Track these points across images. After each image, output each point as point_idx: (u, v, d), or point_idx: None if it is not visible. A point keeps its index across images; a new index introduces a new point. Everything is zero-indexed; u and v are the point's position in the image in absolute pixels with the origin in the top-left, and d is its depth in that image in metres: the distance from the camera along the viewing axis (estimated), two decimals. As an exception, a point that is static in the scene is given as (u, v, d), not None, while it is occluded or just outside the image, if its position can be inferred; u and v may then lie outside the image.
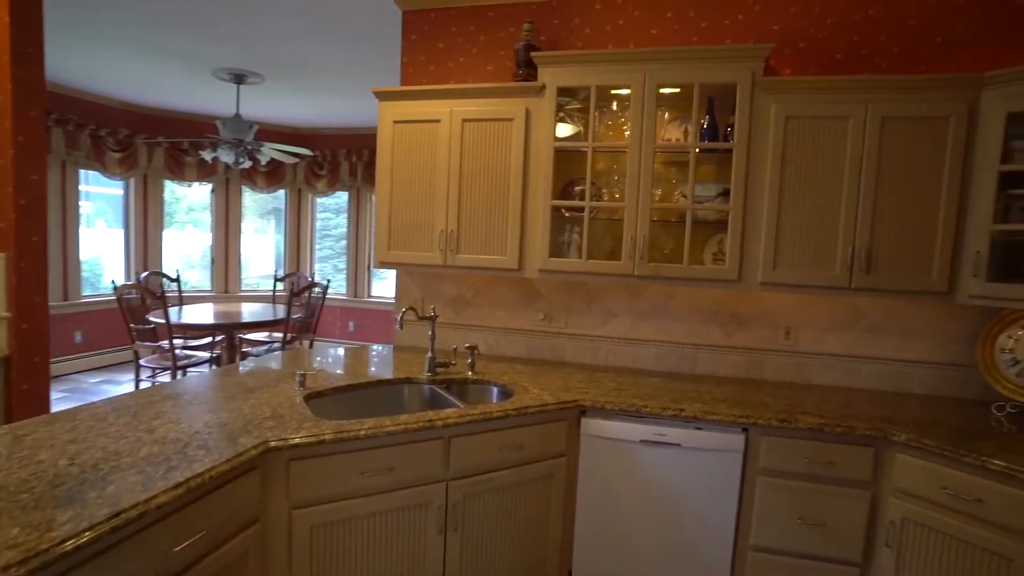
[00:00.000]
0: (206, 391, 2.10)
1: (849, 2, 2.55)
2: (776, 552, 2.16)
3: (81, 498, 1.24)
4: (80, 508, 1.20)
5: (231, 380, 2.28)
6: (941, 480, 1.89)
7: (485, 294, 3.05)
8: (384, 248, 2.78)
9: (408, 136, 2.70)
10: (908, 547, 1.98)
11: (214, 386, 2.17)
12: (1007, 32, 2.41)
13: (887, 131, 2.24)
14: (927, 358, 2.56)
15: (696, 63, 2.37)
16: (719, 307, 2.77)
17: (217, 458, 1.49)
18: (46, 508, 1.19)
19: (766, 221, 2.37)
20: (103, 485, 1.31)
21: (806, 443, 2.09)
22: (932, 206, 2.23)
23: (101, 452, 1.50)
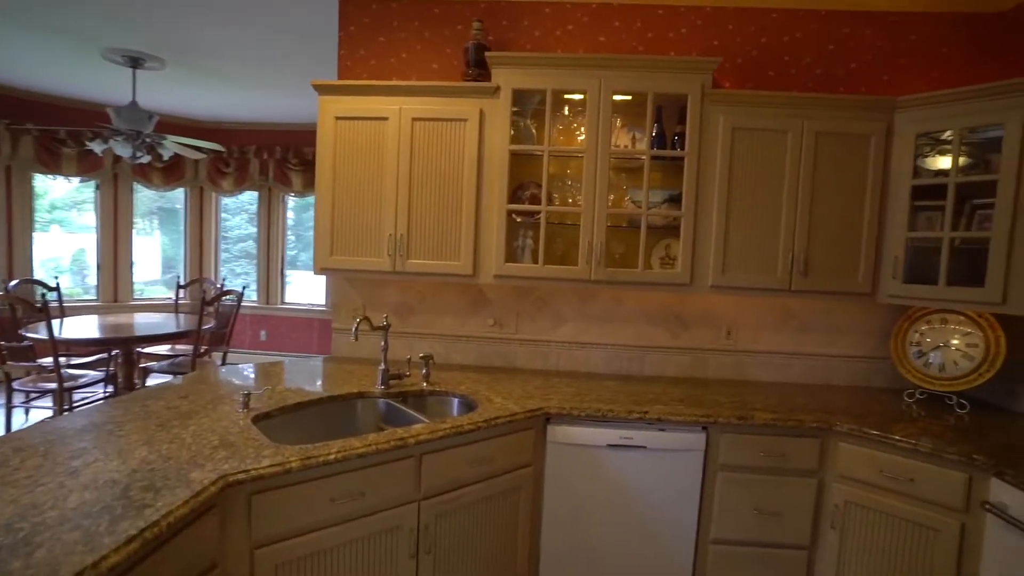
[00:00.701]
0: (132, 419, 1.82)
1: (779, 24, 2.74)
2: (734, 543, 2.26)
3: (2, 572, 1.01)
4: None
5: (159, 404, 1.99)
6: (879, 464, 2.07)
7: (432, 300, 2.93)
8: (326, 253, 2.58)
9: (352, 134, 2.53)
10: (850, 527, 2.14)
11: (140, 413, 1.89)
12: (904, 63, 2.71)
13: (820, 146, 2.42)
14: (849, 352, 2.81)
15: (650, 72, 2.42)
16: (665, 310, 2.87)
17: (172, 500, 1.29)
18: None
19: (715, 227, 2.48)
20: (28, 550, 1.07)
21: (761, 438, 2.21)
22: (858, 215, 2.44)
23: (13, 507, 1.23)
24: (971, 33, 2.69)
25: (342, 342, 2.96)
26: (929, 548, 1.97)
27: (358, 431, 2.28)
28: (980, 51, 2.69)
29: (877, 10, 2.70)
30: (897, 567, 2.04)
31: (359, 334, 2.25)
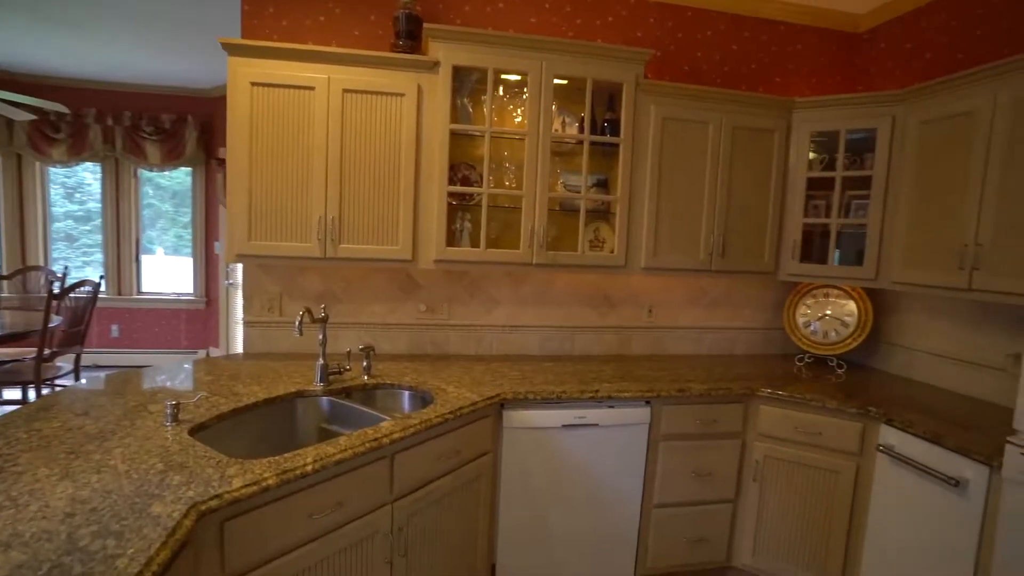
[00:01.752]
0: (25, 449, 1.46)
1: (693, 22, 2.93)
2: (674, 505, 2.45)
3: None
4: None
5: (53, 425, 1.62)
6: (794, 422, 2.37)
7: (358, 287, 2.74)
8: (243, 237, 2.27)
9: (272, 103, 2.24)
10: (768, 478, 2.44)
11: (33, 440, 1.52)
12: (791, 67, 3.06)
13: (736, 138, 2.66)
14: (750, 324, 3.16)
15: (591, 59, 2.46)
16: (594, 291, 2.98)
17: (145, 544, 1.07)
18: None
19: (647, 211, 2.61)
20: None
21: (696, 407, 2.41)
22: (765, 202, 2.73)
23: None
24: (840, 47, 3.11)
25: (256, 337, 2.65)
26: (831, 488, 2.31)
27: (301, 435, 2.08)
28: (846, 63, 3.12)
29: (771, 19, 3.00)
30: (804, 507, 2.37)
31: (247, 325, 2.03)
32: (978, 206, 2.13)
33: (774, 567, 2.45)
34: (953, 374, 2.53)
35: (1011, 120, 2.03)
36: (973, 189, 2.15)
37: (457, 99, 2.53)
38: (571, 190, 2.69)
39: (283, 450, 1.99)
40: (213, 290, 5.39)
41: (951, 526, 1.90)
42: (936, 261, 2.29)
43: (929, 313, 2.67)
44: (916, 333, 2.73)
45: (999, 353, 2.34)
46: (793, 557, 2.41)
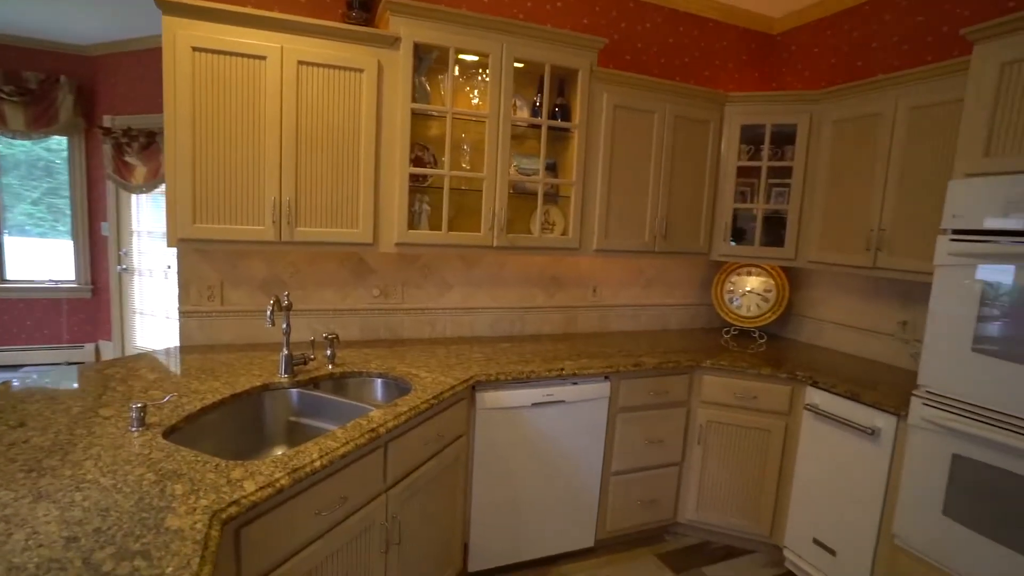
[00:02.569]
0: (-27, 467, 1.26)
1: (635, 13, 3.05)
2: (630, 471, 2.63)
3: None
4: None
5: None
6: (733, 389, 2.63)
7: (308, 272, 2.59)
8: (187, 220, 2.06)
9: (219, 72, 2.03)
10: (710, 441, 2.69)
11: (-26, 456, 1.31)
12: (718, 63, 3.31)
13: (678, 128, 2.84)
14: (681, 301, 3.42)
15: (550, 44, 2.49)
16: (543, 272, 3.06)
17: (178, 561, 0.99)
18: None
19: (599, 196, 2.72)
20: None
21: (648, 380, 2.59)
22: (701, 188, 2.95)
23: None
24: (759, 46, 3.40)
25: (194, 328, 2.42)
26: (764, 445, 2.61)
27: (272, 431, 1.97)
28: (763, 62, 3.43)
29: (700, 15, 3.21)
30: (741, 464, 2.65)
31: (185, 314, 1.90)
32: (881, 196, 2.47)
33: (714, 519, 2.73)
34: (853, 340, 2.94)
35: (908, 124, 2.36)
36: (877, 181, 2.49)
37: (415, 78, 2.45)
38: (523, 173, 2.72)
39: (256, 448, 1.89)
40: (101, 277, 4.77)
41: (865, 467, 2.23)
42: (846, 243, 2.63)
43: (833, 288, 3.07)
44: (823, 306, 3.13)
45: (891, 321, 2.76)
46: (731, 508, 2.69)
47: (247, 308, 2.50)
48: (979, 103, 1.91)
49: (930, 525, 1.99)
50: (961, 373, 1.91)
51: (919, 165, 2.33)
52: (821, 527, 2.42)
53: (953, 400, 1.93)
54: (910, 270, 2.35)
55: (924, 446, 2.01)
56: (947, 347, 1.95)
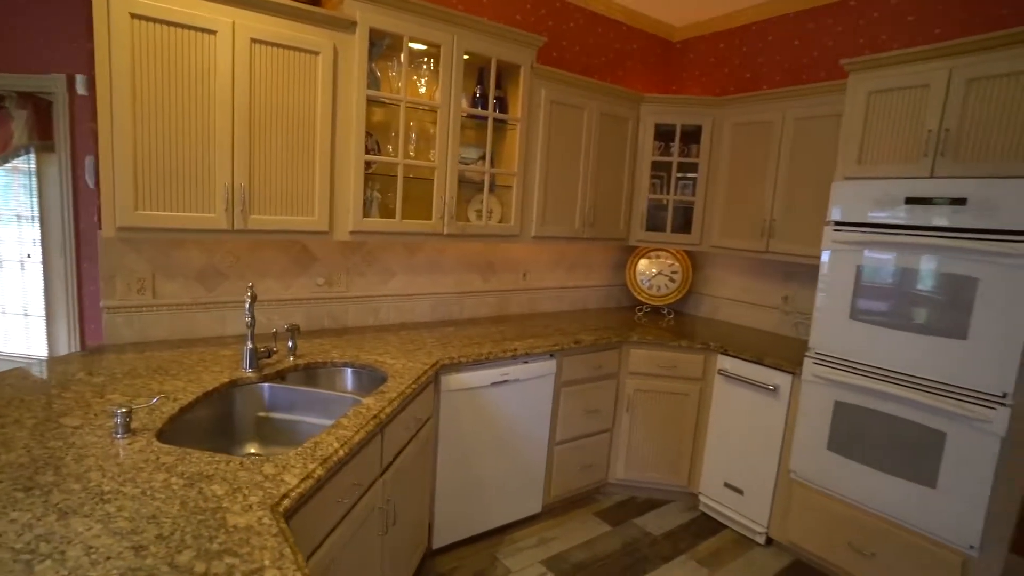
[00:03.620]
0: (-47, 491, 1.12)
1: (559, 13, 3.23)
2: (571, 440, 2.88)
3: None
4: None
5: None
6: (656, 360, 2.98)
7: (249, 262, 2.46)
8: (127, 206, 1.87)
9: (164, 44, 1.86)
10: (637, 407, 3.03)
11: (-56, 479, 1.15)
12: (629, 64, 3.62)
13: (603, 124, 3.09)
14: (599, 283, 3.73)
15: (498, 39, 2.59)
16: (479, 258, 3.17)
17: (270, 555, 1.00)
18: None
19: (538, 185, 2.90)
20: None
21: (586, 356, 2.84)
22: (621, 179, 3.25)
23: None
24: (662, 51, 3.78)
25: (121, 325, 2.19)
26: (682, 407, 3.00)
27: (240, 427, 1.90)
28: (665, 66, 3.81)
29: (615, 19, 3.49)
30: (663, 425, 3.03)
31: (108, 311, 1.82)
32: (772, 191, 2.94)
33: (640, 476, 3.09)
34: (745, 313, 3.46)
35: (794, 132, 2.84)
36: (769, 178, 2.95)
37: (368, 64, 2.41)
38: (463, 162, 2.80)
39: (228, 448, 1.82)
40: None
41: (767, 419, 2.70)
42: (744, 230, 3.09)
43: (727, 269, 3.56)
44: (719, 284, 3.62)
45: (775, 296, 3.29)
46: (654, 465, 3.07)
47: (182, 301, 2.31)
48: (853, 121, 2.38)
49: (818, 459, 2.48)
50: (842, 337, 2.39)
51: (803, 166, 2.81)
52: (731, 472, 2.87)
53: (836, 358, 2.41)
54: (795, 253, 2.85)
55: (814, 397, 2.49)
56: (831, 316, 2.43)
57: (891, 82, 2.25)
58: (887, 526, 2.28)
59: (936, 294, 2.12)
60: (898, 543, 2.25)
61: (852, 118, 2.38)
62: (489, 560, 2.49)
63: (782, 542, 2.68)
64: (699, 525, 2.92)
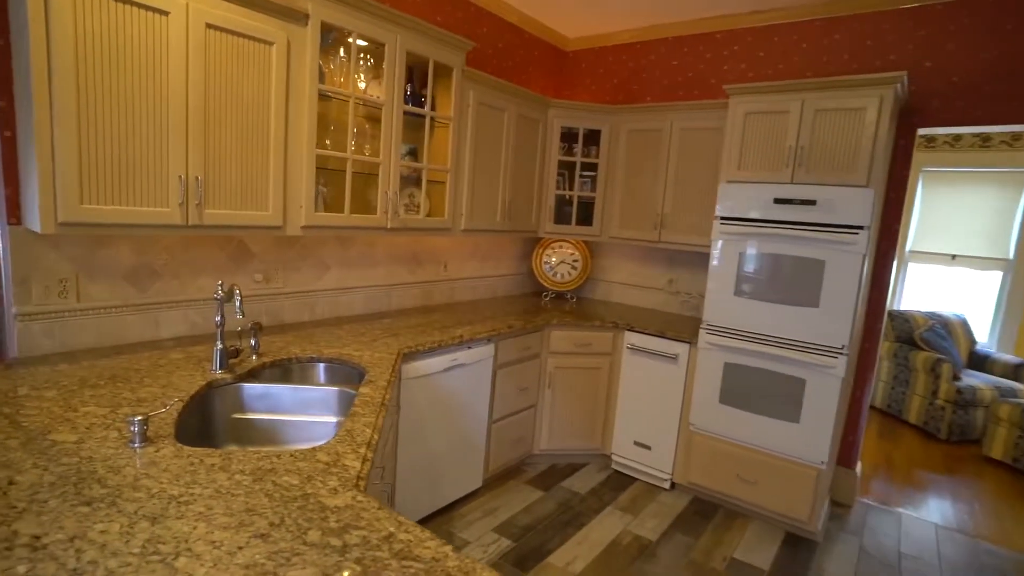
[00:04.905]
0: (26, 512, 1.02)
1: (474, 18, 3.40)
2: (505, 417, 3.13)
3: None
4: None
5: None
6: (573, 339, 3.35)
7: (184, 259, 2.29)
8: (72, 199, 1.69)
9: (109, 23, 1.70)
10: (557, 383, 3.38)
11: (-25, 506, 1.04)
12: (532, 70, 3.92)
13: (519, 124, 3.35)
14: (508, 272, 4.00)
15: (436, 41, 2.70)
16: (406, 251, 3.25)
17: (394, 523, 1.11)
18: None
19: (467, 181, 3.07)
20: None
21: (517, 339, 3.10)
22: (532, 176, 3.55)
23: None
24: (557, 59, 4.13)
25: (38, 334, 1.93)
26: (595, 380, 3.41)
27: (217, 431, 1.83)
28: (560, 73, 4.18)
29: (518, 26, 3.75)
30: (579, 398, 3.41)
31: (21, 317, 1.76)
32: (663, 189, 3.45)
33: (561, 444, 3.44)
34: (635, 295, 3.98)
35: (680, 140, 3.37)
36: (660, 178, 3.46)
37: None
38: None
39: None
40: None
41: (669, 383, 3.21)
42: (639, 223, 3.58)
43: (619, 256, 4.06)
44: (612, 270, 4.10)
45: (661, 279, 3.85)
46: (572, 434, 3.44)
47: (111, 304, 2.10)
48: (733, 135, 2.93)
49: (712, 411, 3.04)
50: (728, 310, 2.96)
51: (687, 168, 3.35)
52: (639, 432, 3.34)
53: (724, 328, 2.97)
54: (683, 242, 3.39)
55: (707, 361, 3.04)
56: (720, 294, 2.98)
57: (762, 107, 2.83)
58: (764, 457, 2.90)
59: (797, 274, 2.74)
60: (773, 469, 2.88)
61: (733, 132, 2.93)
62: (447, 535, 2.65)
63: (684, 484, 3.22)
64: (615, 480, 3.36)
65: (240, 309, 1.79)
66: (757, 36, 3.40)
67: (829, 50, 3.17)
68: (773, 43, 3.35)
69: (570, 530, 2.79)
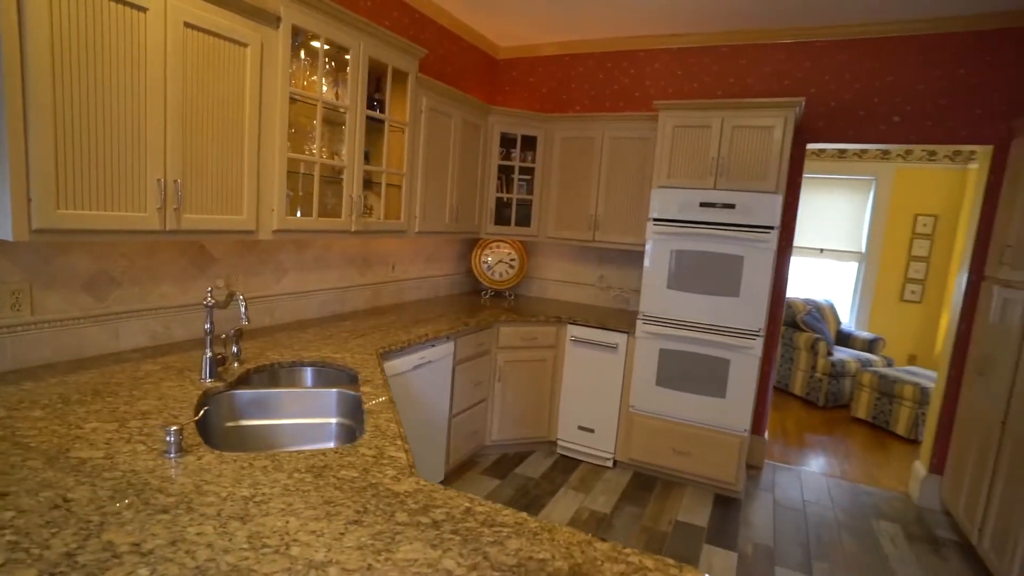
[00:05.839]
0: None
1: (417, 24, 3.47)
2: (464, 411, 3.25)
3: None
4: None
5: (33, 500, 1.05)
6: (520, 334, 3.54)
7: (144, 266, 2.17)
8: (47, 205, 1.58)
9: (87, 16, 1.61)
10: (507, 377, 3.56)
11: (83, 535, 1.01)
12: (467, 76, 4.06)
13: (464, 130, 3.48)
14: (449, 272, 4.10)
15: (394, 48, 2.76)
16: (357, 253, 3.26)
17: (469, 496, 1.23)
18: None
19: (420, 184, 3.15)
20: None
21: (472, 336, 3.24)
22: (475, 180, 3.69)
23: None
24: (489, 66, 4.30)
25: (-7, 350, 1.76)
26: (541, 372, 3.64)
27: (214, 440, 1.80)
28: (492, 80, 4.35)
29: (455, 32, 3.87)
30: (526, 389, 3.62)
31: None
32: (596, 193, 3.76)
33: (511, 435, 3.63)
34: (569, 291, 4.26)
35: (611, 148, 3.69)
36: (593, 182, 3.76)
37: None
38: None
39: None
40: None
41: (610, 370, 3.51)
42: (574, 224, 3.85)
43: (553, 255, 4.32)
44: (546, 269, 4.35)
45: (592, 276, 4.17)
46: (521, 424, 3.64)
47: (69, 315, 1.95)
48: (663, 145, 3.29)
49: (650, 393, 3.38)
50: (662, 301, 3.31)
51: (618, 174, 3.68)
52: (583, 417, 3.62)
53: (658, 317, 3.32)
54: (616, 241, 3.72)
55: (645, 348, 3.38)
56: (654, 288, 3.33)
57: (688, 121, 3.21)
58: (696, 430, 3.29)
59: (720, 267, 3.15)
60: (704, 440, 3.28)
61: (663, 144, 3.29)
62: (420, 528, 2.73)
63: (625, 461, 3.55)
64: (562, 464, 3.61)
65: (245, 315, 1.77)
66: (675, 56, 3.81)
67: (735, 73, 3.64)
68: (689, 64, 3.78)
69: (532, 512, 2.99)
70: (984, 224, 3.18)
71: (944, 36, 3.16)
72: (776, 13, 3.26)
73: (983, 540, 2.73)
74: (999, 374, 2.79)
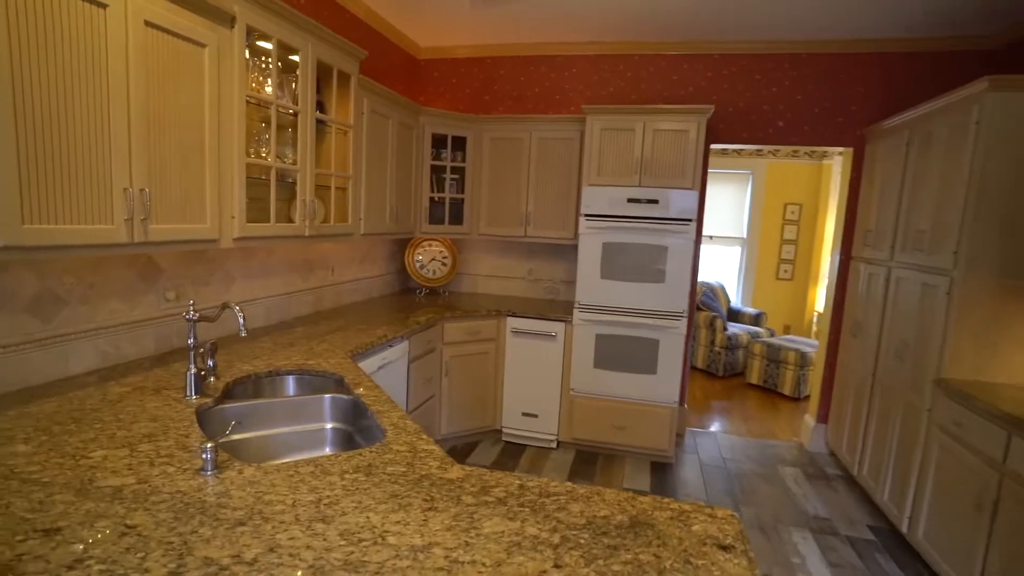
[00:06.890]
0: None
1: (348, 24, 3.42)
2: (418, 407, 3.30)
3: None
4: None
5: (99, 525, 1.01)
6: (463, 329, 3.65)
7: (91, 282, 1.99)
8: (12, 219, 1.44)
9: (44, 11, 1.48)
10: (453, 371, 3.65)
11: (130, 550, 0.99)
12: (392, 73, 4.05)
13: (400, 132, 3.50)
14: (382, 272, 4.09)
15: (339, 50, 2.73)
16: (299, 258, 3.17)
17: (521, 477, 1.36)
18: None
19: (364, 187, 3.14)
20: None
21: (421, 334, 3.30)
22: (410, 180, 3.73)
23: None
24: (412, 66, 4.31)
25: (-66, 385, 1.56)
26: (485, 364, 3.78)
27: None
28: (414, 79, 4.37)
29: (379, 31, 3.85)
30: (472, 382, 3.74)
31: None
32: (526, 190, 3.96)
33: (459, 427, 3.73)
34: (500, 285, 4.43)
35: (539, 148, 3.90)
36: (523, 180, 3.95)
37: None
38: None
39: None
40: None
41: (550, 358, 3.74)
42: (506, 221, 4.02)
43: (483, 251, 4.46)
44: (477, 263, 4.48)
45: (521, 270, 4.37)
46: (468, 416, 3.76)
47: (11, 340, 1.76)
48: (592, 146, 3.56)
49: (588, 375, 3.66)
50: (595, 290, 3.59)
51: (547, 173, 3.90)
52: (526, 403, 3.82)
53: (593, 305, 3.61)
54: (546, 236, 3.95)
55: (582, 335, 3.65)
56: (588, 278, 3.60)
57: (613, 124, 3.50)
58: (631, 406, 3.62)
59: (647, 257, 3.49)
60: (638, 414, 3.62)
61: (591, 144, 3.55)
62: (392, 526, 2.76)
63: (568, 441, 3.81)
64: (509, 450, 3.79)
65: (243, 327, 1.73)
66: (591, 62, 4.10)
67: (646, 80, 4.01)
68: (604, 69, 4.08)
69: (493, 497, 3.13)
70: (850, 213, 3.83)
71: (815, 56, 3.75)
72: (670, 28, 3.65)
73: (862, 471, 3.34)
74: (868, 335, 3.41)
